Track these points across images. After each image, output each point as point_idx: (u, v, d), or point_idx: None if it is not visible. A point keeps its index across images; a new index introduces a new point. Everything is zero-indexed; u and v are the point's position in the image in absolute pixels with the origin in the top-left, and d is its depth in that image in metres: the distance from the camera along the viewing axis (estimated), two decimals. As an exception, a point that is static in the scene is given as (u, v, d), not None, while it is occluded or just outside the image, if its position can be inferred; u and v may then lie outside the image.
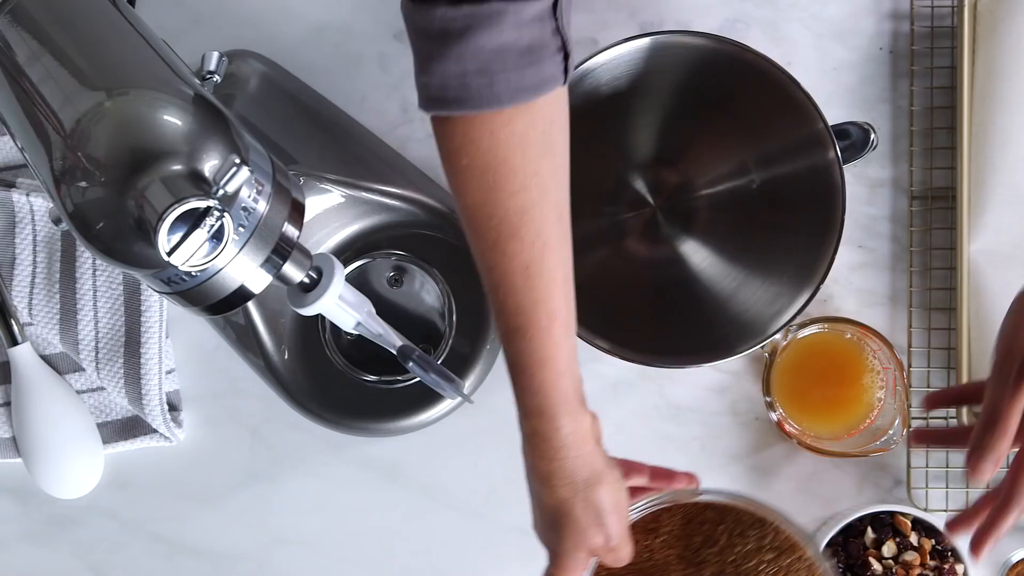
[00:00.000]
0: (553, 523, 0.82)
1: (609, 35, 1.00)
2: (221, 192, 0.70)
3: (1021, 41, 1.02)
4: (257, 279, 0.76)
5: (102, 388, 1.06)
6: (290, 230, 0.76)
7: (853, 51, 1.06)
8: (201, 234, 0.69)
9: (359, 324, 0.82)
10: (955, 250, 1.02)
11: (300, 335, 1.03)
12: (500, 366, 1.05)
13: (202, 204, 0.68)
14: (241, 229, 0.73)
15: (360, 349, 1.04)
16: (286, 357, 1.03)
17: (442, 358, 1.03)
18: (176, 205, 0.67)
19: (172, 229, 0.68)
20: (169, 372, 1.06)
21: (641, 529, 0.89)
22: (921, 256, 1.05)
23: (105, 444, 1.06)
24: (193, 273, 0.73)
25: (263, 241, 0.75)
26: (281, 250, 0.76)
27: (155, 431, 1.05)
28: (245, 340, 1.04)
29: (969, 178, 1.02)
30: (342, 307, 0.81)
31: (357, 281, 1.04)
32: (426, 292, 1.05)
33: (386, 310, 1.04)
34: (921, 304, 1.05)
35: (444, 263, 1.04)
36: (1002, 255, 1.03)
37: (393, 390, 1.04)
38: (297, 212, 0.77)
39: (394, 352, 0.83)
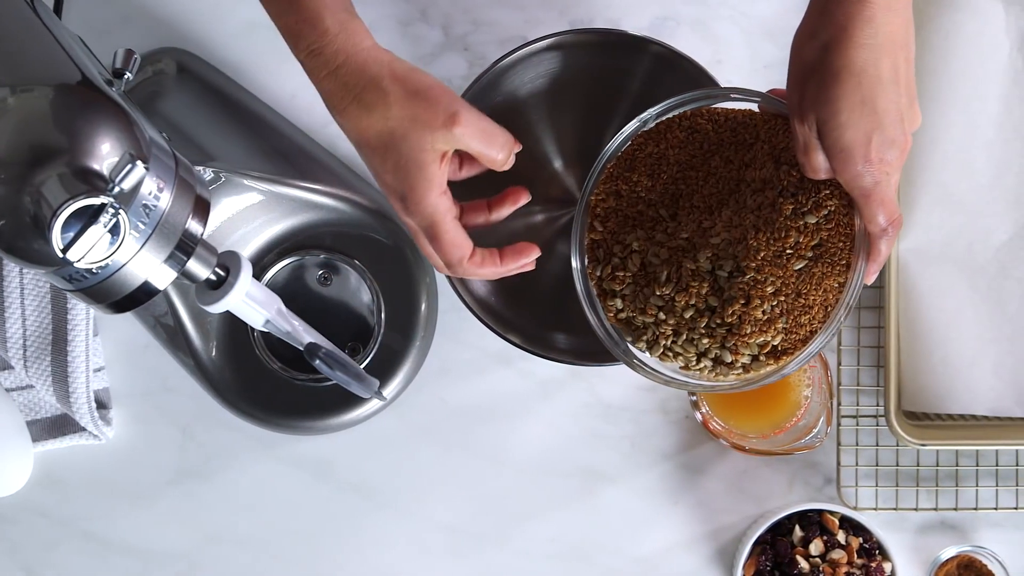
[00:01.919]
0: (388, 148, 0.77)
1: (539, 32, 0.99)
2: (117, 189, 0.70)
3: (949, 40, 1.02)
4: (161, 275, 0.76)
5: (31, 386, 1.06)
6: (194, 227, 0.76)
7: (784, 49, 1.03)
8: (97, 231, 0.69)
9: (268, 322, 0.82)
10: (884, 248, 1.02)
11: (228, 333, 1.03)
12: (431, 364, 1.06)
13: (96, 201, 0.68)
14: (141, 226, 0.73)
15: (289, 347, 1.03)
16: (214, 355, 1.03)
17: (371, 355, 1.03)
18: (69, 202, 0.68)
19: (67, 226, 0.68)
20: (98, 370, 1.06)
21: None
22: (851, 254, 1.05)
23: (35, 442, 1.06)
24: (93, 270, 0.73)
25: (165, 238, 0.75)
26: (185, 247, 0.76)
27: (84, 429, 1.05)
28: (174, 338, 1.04)
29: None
30: (250, 304, 0.80)
31: (287, 279, 1.04)
32: (356, 290, 1.04)
33: (316, 308, 1.04)
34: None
35: (373, 261, 1.04)
36: (932, 254, 1.03)
37: (323, 388, 1.04)
38: (202, 209, 0.77)
39: (301, 350, 0.83)
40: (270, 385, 1.04)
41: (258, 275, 1.03)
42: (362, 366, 1.03)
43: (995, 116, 1.03)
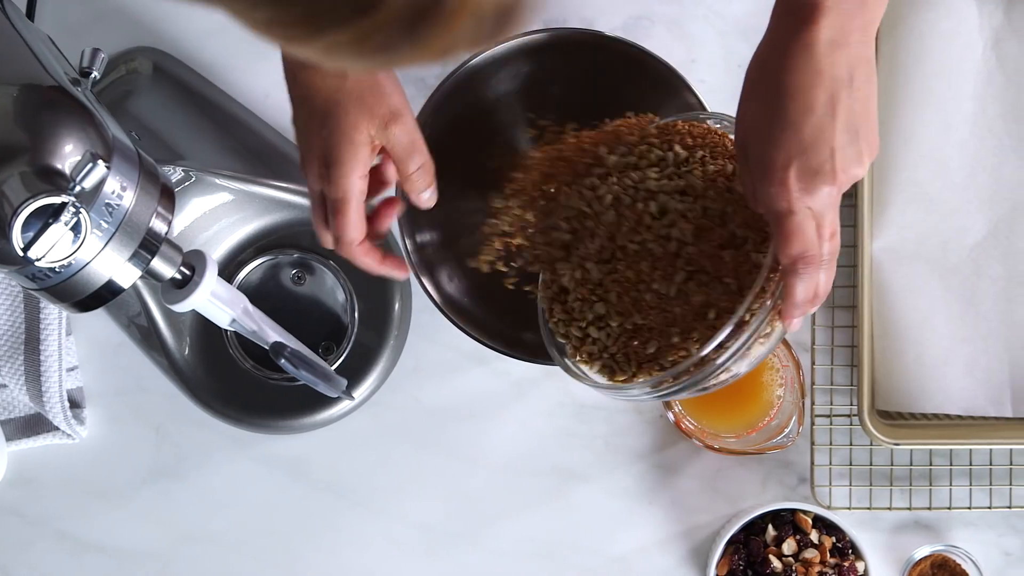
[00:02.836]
0: (328, 116, 0.79)
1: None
2: (78, 188, 0.70)
3: (923, 39, 1.02)
4: (125, 274, 0.76)
5: (4, 385, 1.06)
6: (158, 226, 0.76)
7: (758, 48, 1.06)
8: (58, 230, 0.69)
9: (233, 321, 0.82)
10: (857, 248, 1.02)
11: (202, 333, 1.03)
12: (405, 363, 1.06)
13: (56, 200, 0.68)
14: (104, 224, 0.73)
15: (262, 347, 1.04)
16: (187, 355, 1.03)
17: (345, 354, 1.03)
18: (30, 200, 0.68)
19: (28, 225, 0.68)
20: (71, 369, 1.06)
21: None
22: (825, 253, 1.05)
23: (8, 441, 1.06)
24: (56, 269, 0.73)
25: (129, 237, 0.75)
26: (149, 245, 0.76)
27: (57, 428, 1.05)
28: (148, 338, 1.04)
29: (871, 176, 1.02)
30: (215, 304, 0.80)
31: (261, 279, 1.04)
32: (329, 289, 1.04)
33: (290, 308, 1.04)
34: (825, 302, 1.05)
35: (346, 260, 1.04)
36: (905, 253, 1.03)
37: (296, 387, 1.04)
38: (166, 208, 0.77)
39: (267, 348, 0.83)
40: (244, 384, 1.04)
41: (232, 274, 1.03)
42: (336, 365, 1.03)
43: (969, 115, 1.03)
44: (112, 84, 1.02)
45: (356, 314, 1.04)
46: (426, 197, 0.86)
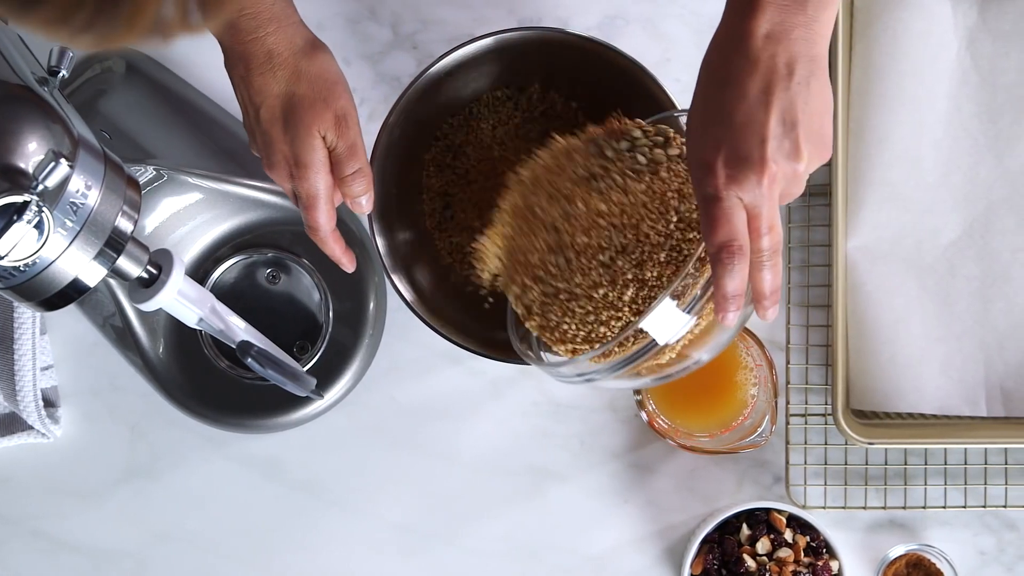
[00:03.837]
0: (286, 120, 0.82)
1: (487, 31, 1.00)
2: (41, 187, 0.70)
3: (897, 38, 1.02)
4: (91, 273, 0.76)
5: (-22, 384, 1.05)
6: (124, 224, 0.76)
7: (733, 48, 1.06)
8: (21, 229, 0.69)
9: (201, 320, 0.82)
10: (831, 247, 1.02)
11: (176, 332, 1.03)
12: (380, 362, 1.05)
13: (18, 199, 0.68)
14: (69, 223, 0.73)
15: (237, 346, 1.04)
16: (162, 354, 1.03)
17: (320, 353, 1.03)
18: (-10, 200, 0.67)
19: (-10, 224, 0.68)
20: (46, 368, 1.06)
21: None
22: (800, 253, 1.05)
23: (-17, 440, 1.06)
24: (20, 267, 0.73)
25: (94, 235, 0.74)
26: (115, 244, 0.76)
27: (32, 428, 1.05)
28: (123, 338, 1.04)
29: (845, 175, 1.02)
30: (182, 303, 0.80)
31: (235, 278, 1.04)
32: (304, 288, 1.04)
33: (264, 307, 1.04)
34: (800, 301, 1.05)
35: (321, 259, 1.03)
36: (879, 252, 1.03)
37: (271, 386, 1.03)
38: (132, 207, 0.76)
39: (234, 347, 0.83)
40: (219, 384, 1.04)
41: (206, 273, 1.03)
42: (311, 364, 1.03)
43: (943, 115, 1.03)
44: (86, 83, 1.02)
45: (331, 313, 1.03)
46: (362, 202, 0.87)
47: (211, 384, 1.04)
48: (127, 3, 0.48)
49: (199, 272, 1.03)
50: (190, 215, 0.99)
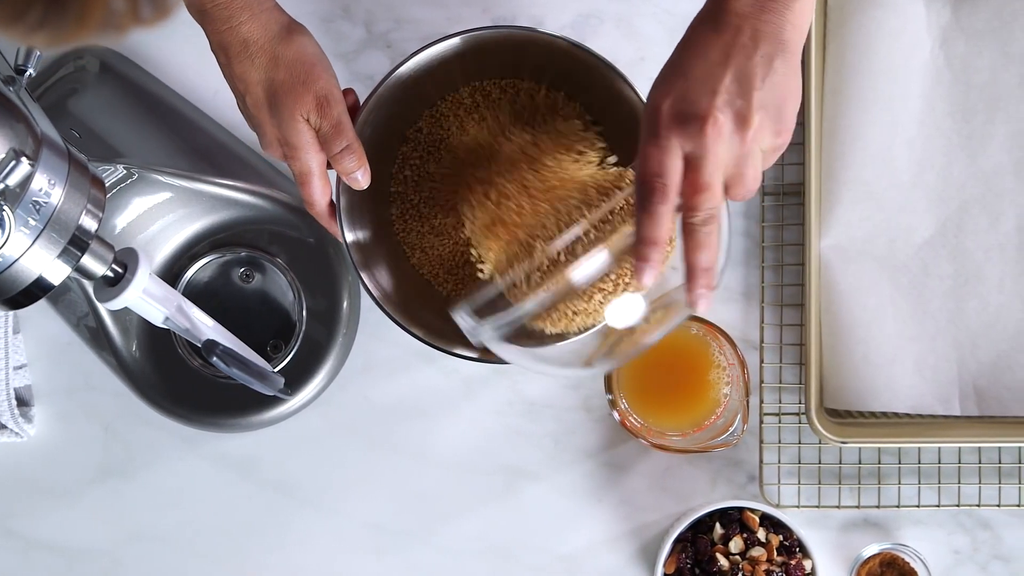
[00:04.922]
0: (271, 104, 0.85)
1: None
2: (2, 186, 0.70)
3: (871, 37, 1.02)
4: (55, 271, 0.75)
5: (-48, 383, 1.05)
6: (88, 223, 0.76)
7: (707, 47, 1.06)
8: (-19, 227, 0.69)
9: (167, 319, 0.82)
10: (805, 246, 1.02)
11: (149, 332, 1.03)
12: (354, 361, 1.05)
13: (-22, 197, 0.68)
14: (32, 222, 0.73)
15: (211, 344, 1.04)
16: (135, 353, 1.03)
17: (293, 352, 1.03)
18: (-51, 198, 0.68)
19: (-50, 223, 0.68)
20: (19, 367, 1.05)
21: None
22: (773, 252, 1.05)
23: (-43, 439, 1.06)
24: (-17, 266, 0.73)
25: (58, 234, 0.74)
26: (79, 243, 0.76)
27: (5, 427, 1.05)
28: (96, 337, 1.03)
29: (818, 174, 1.02)
30: (148, 302, 0.80)
31: (209, 277, 1.04)
32: (277, 287, 1.04)
33: (238, 306, 1.04)
34: (773, 300, 1.05)
35: (295, 258, 1.04)
36: (853, 251, 1.03)
37: (244, 386, 1.03)
38: (97, 206, 0.76)
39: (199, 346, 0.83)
40: (192, 383, 1.04)
41: (178, 272, 1.03)
42: (284, 363, 1.03)
43: (916, 114, 1.03)
44: (59, 81, 1.02)
45: (304, 312, 1.03)
46: (357, 177, 0.89)
47: (185, 383, 1.04)
48: (71, 2, 0.48)
49: (172, 270, 1.03)
50: (161, 213, 0.99)
